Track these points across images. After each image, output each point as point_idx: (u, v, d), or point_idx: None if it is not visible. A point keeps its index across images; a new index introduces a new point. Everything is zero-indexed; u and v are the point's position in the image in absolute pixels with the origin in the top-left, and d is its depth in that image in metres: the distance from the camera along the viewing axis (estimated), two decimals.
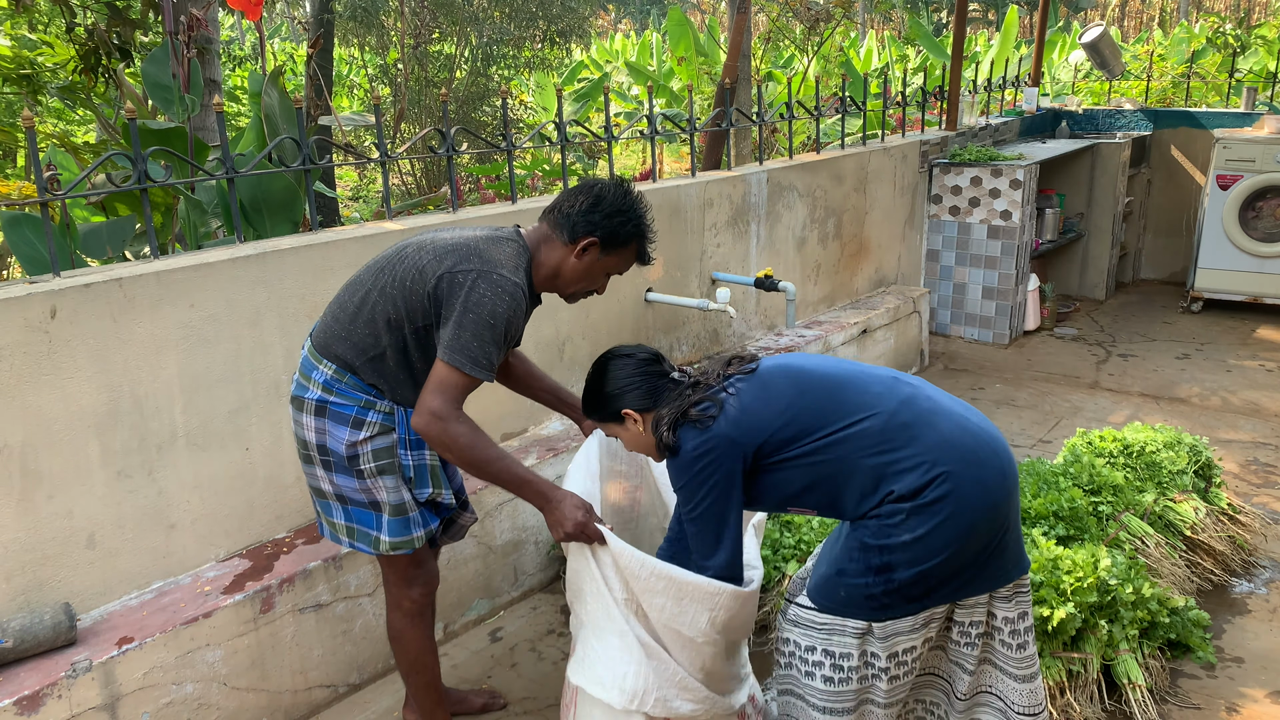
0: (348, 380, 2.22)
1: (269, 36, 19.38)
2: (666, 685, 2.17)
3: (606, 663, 2.18)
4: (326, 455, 2.25)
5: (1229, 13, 26.61)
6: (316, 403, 2.23)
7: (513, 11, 9.55)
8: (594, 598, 2.19)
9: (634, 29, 29.53)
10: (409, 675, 2.51)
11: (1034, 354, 6.02)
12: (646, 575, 2.10)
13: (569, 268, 2.27)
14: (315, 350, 2.27)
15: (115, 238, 3.39)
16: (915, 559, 1.99)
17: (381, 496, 2.27)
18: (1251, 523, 3.55)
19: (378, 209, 9.70)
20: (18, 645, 2.27)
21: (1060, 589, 2.69)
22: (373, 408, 2.23)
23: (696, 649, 2.17)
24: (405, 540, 2.29)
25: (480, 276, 2.11)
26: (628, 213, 2.26)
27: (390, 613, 2.45)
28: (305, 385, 2.26)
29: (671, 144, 12.53)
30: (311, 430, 2.25)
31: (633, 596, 2.16)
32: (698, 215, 4.24)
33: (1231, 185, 6.40)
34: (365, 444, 2.23)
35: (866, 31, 21.21)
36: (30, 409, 2.36)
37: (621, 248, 2.28)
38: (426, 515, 2.33)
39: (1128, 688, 2.68)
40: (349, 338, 2.22)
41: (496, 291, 2.11)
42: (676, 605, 2.11)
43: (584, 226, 2.23)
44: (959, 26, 6.50)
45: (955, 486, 1.97)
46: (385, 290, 2.19)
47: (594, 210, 2.23)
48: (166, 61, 3.66)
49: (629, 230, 2.26)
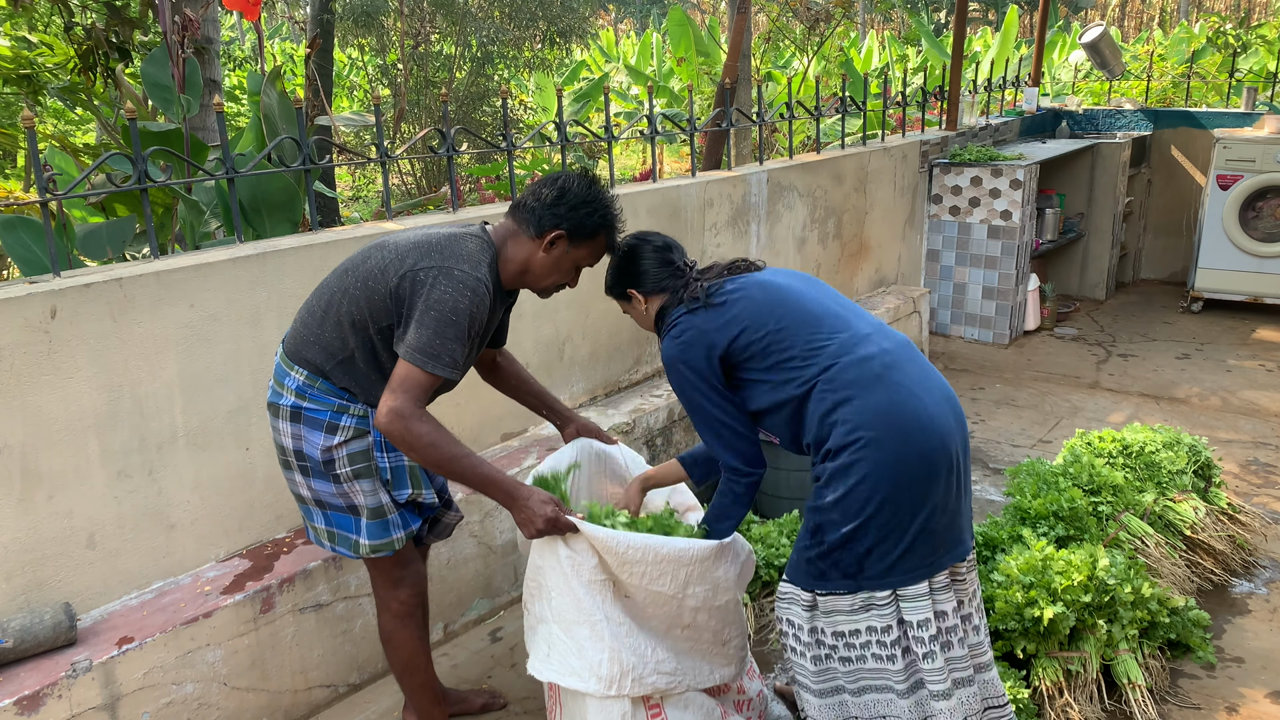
0: (320, 385, 2.22)
1: (269, 37, 19.39)
2: (641, 664, 2.19)
3: (577, 653, 2.19)
4: (304, 461, 2.26)
5: (1229, 13, 26.61)
6: (291, 409, 2.23)
7: (513, 11, 9.56)
8: (560, 592, 2.20)
9: (634, 29, 29.52)
10: (402, 677, 2.51)
11: (1034, 354, 6.02)
12: (623, 549, 2.15)
13: (538, 261, 2.26)
14: (286, 356, 2.28)
15: (115, 238, 3.39)
16: (838, 520, 2.08)
17: (359, 500, 2.27)
18: (1251, 523, 3.55)
19: (377, 209, 9.70)
20: (18, 645, 2.27)
21: (1051, 589, 2.69)
22: (346, 412, 2.23)
23: (677, 605, 2.24)
24: (385, 543, 2.29)
25: (441, 273, 2.11)
26: (593, 203, 2.25)
27: (380, 615, 2.45)
28: (280, 392, 2.26)
29: (672, 144, 12.53)
30: (288, 436, 2.26)
31: (609, 575, 2.19)
32: (698, 215, 4.24)
33: (1231, 185, 6.40)
34: (340, 448, 2.23)
35: (866, 31, 21.21)
36: (30, 409, 2.36)
37: (589, 239, 2.28)
38: (407, 516, 2.33)
39: (1127, 688, 2.68)
40: (317, 341, 2.22)
41: (458, 288, 2.10)
42: (655, 568, 2.18)
43: (550, 219, 2.23)
44: (959, 26, 6.50)
45: (870, 455, 2.04)
46: (349, 292, 2.19)
47: (559, 203, 2.23)
48: (166, 62, 3.67)
49: (595, 221, 2.26)
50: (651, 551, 2.16)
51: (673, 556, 2.18)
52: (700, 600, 2.26)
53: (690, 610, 2.26)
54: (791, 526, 3.34)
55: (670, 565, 2.19)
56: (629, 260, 2.34)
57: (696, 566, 2.22)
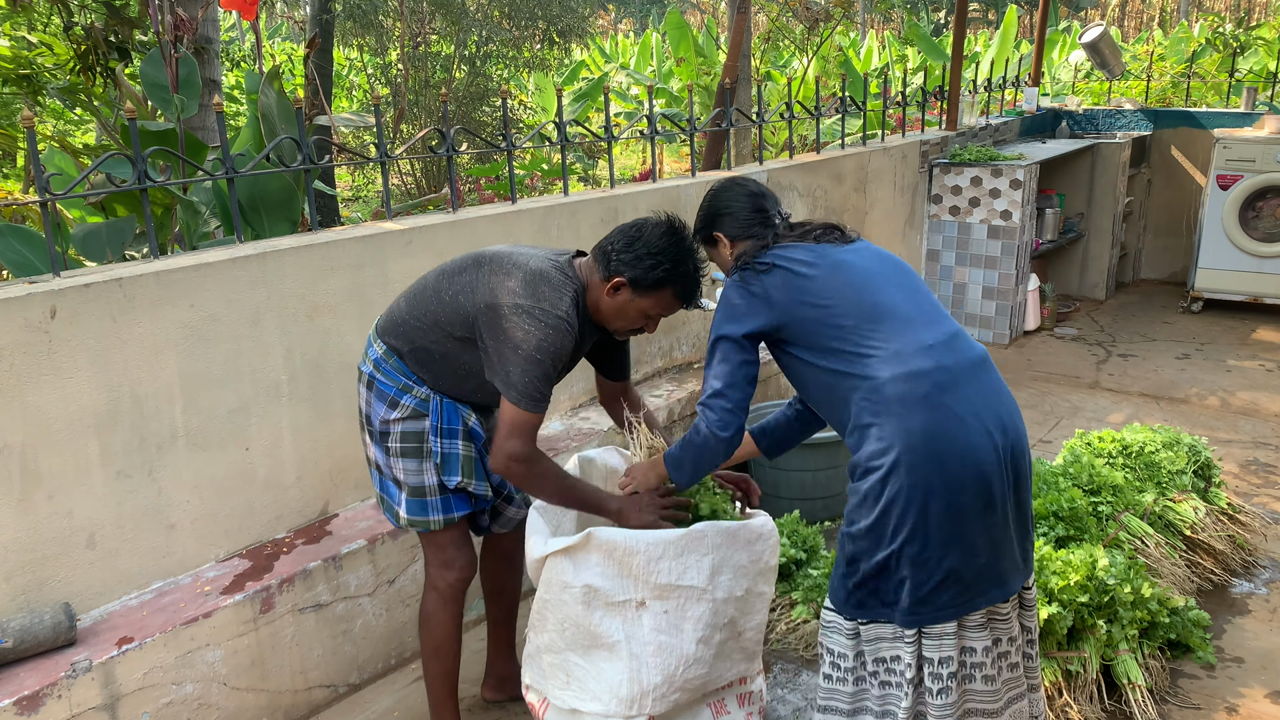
0: (393, 363, 2.35)
1: (269, 37, 19.39)
2: (667, 684, 2.18)
3: (597, 676, 2.20)
4: (370, 425, 2.39)
5: (1229, 13, 26.62)
6: (369, 376, 2.38)
7: (512, 11, 9.56)
8: (574, 620, 2.21)
9: (634, 29, 29.52)
10: (429, 660, 2.51)
11: (1034, 354, 6.02)
12: (644, 547, 2.15)
13: (605, 304, 2.27)
14: (375, 331, 2.43)
15: (114, 239, 3.39)
16: (869, 549, 1.98)
17: (400, 475, 2.37)
18: (1251, 523, 3.55)
19: (377, 209, 9.70)
20: (18, 645, 2.27)
21: (1048, 589, 2.69)
22: (409, 391, 2.34)
23: (711, 604, 2.21)
24: (421, 520, 2.38)
25: (524, 312, 2.15)
26: (660, 255, 2.20)
27: (425, 594, 2.48)
28: (364, 360, 2.42)
29: (671, 144, 12.53)
30: (364, 400, 2.40)
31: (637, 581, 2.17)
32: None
33: (1231, 185, 6.40)
34: (396, 424, 2.34)
35: (866, 31, 21.22)
36: (30, 409, 2.36)
37: (653, 290, 2.22)
38: (452, 501, 2.39)
39: (1127, 688, 2.68)
40: (403, 326, 2.34)
41: (541, 327, 2.15)
42: (680, 561, 2.17)
43: (615, 265, 2.23)
44: (959, 26, 6.50)
45: (901, 481, 1.92)
46: (441, 295, 2.28)
47: (628, 249, 2.21)
48: (164, 61, 3.66)
49: (660, 274, 2.20)
50: (672, 546, 2.16)
51: (693, 545, 2.17)
52: (727, 590, 2.23)
53: (721, 603, 2.23)
54: (791, 526, 3.34)
55: (694, 555, 2.18)
56: (719, 201, 2.28)
57: (717, 553, 2.20)
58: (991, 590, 2.01)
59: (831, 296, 2.05)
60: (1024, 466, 2.04)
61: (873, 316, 2.02)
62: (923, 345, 2.00)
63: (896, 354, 1.98)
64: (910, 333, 2.01)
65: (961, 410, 1.96)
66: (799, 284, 2.07)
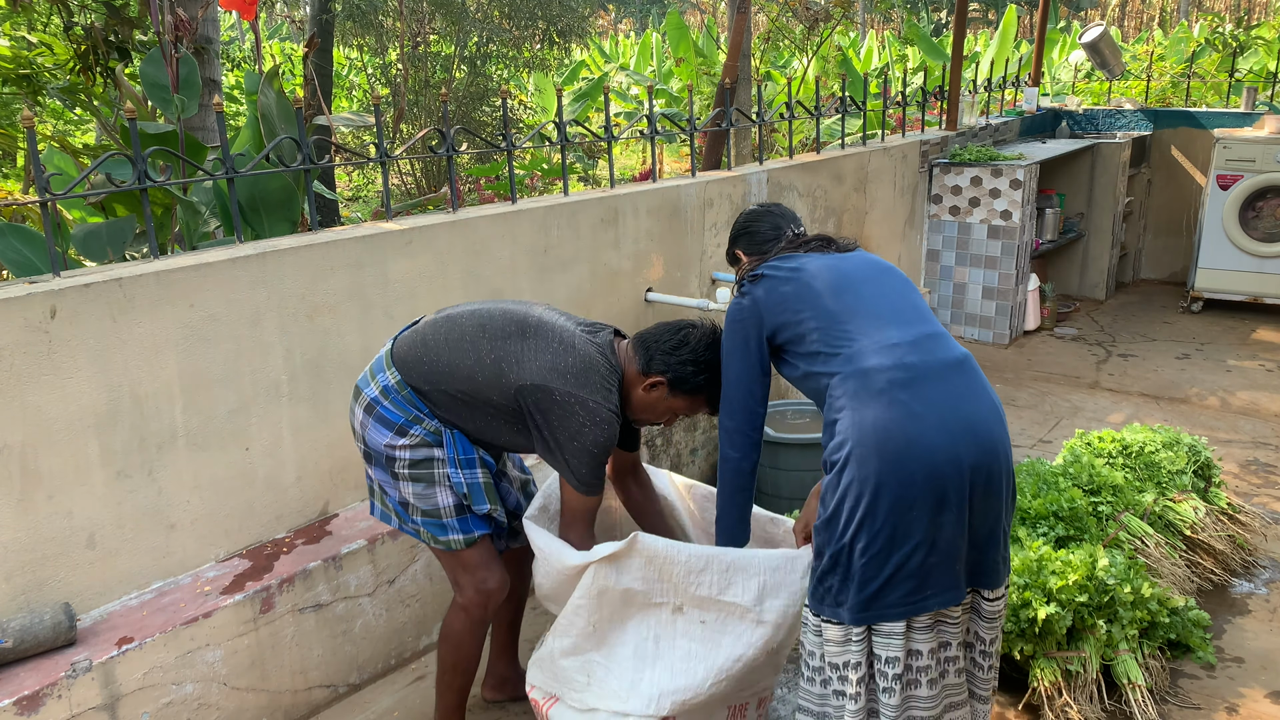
0: (406, 394, 2.31)
1: (269, 37, 19.39)
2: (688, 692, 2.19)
3: (618, 675, 2.22)
4: (366, 447, 2.36)
5: (1229, 13, 26.62)
6: (370, 401, 2.33)
7: (512, 11, 9.55)
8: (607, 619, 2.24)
9: (634, 29, 29.52)
10: (446, 672, 2.50)
11: (1034, 354, 6.02)
12: (686, 558, 2.16)
13: (637, 397, 2.31)
14: (390, 355, 2.36)
15: (115, 239, 3.38)
16: (827, 541, 2.00)
17: (409, 499, 2.35)
18: (1251, 523, 3.55)
19: (377, 209, 9.70)
20: (18, 645, 2.27)
21: (1047, 589, 2.69)
22: (419, 423, 2.31)
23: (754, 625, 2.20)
24: (443, 540, 2.37)
25: (577, 403, 2.18)
26: (703, 365, 2.28)
27: (453, 611, 2.45)
28: (368, 380, 2.37)
29: (671, 144, 12.53)
30: (357, 420, 2.38)
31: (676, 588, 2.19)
32: (698, 215, 4.24)
33: (1231, 185, 6.40)
34: (404, 450, 2.31)
35: (866, 31, 21.22)
36: (30, 409, 2.36)
37: (690, 394, 2.30)
38: (471, 523, 2.37)
39: (1127, 688, 2.68)
40: (431, 371, 2.29)
41: (595, 422, 2.20)
42: (724, 576, 2.17)
43: (658, 364, 2.27)
44: (959, 26, 6.50)
45: (854, 474, 1.95)
46: (480, 356, 2.26)
47: (673, 352, 2.27)
48: (163, 61, 3.66)
49: (700, 382, 2.28)
50: (716, 560, 2.17)
51: (740, 565, 2.18)
52: (779, 615, 2.20)
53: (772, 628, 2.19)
54: None
55: (741, 575, 2.17)
56: (744, 223, 2.49)
57: (769, 576, 2.19)
58: (944, 593, 2.00)
59: (806, 299, 2.15)
60: (998, 472, 1.99)
61: (843, 316, 2.09)
62: (887, 343, 2.03)
63: (860, 351, 2.03)
64: (877, 331, 2.05)
65: (920, 408, 1.95)
66: (781, 289, 2.18)
